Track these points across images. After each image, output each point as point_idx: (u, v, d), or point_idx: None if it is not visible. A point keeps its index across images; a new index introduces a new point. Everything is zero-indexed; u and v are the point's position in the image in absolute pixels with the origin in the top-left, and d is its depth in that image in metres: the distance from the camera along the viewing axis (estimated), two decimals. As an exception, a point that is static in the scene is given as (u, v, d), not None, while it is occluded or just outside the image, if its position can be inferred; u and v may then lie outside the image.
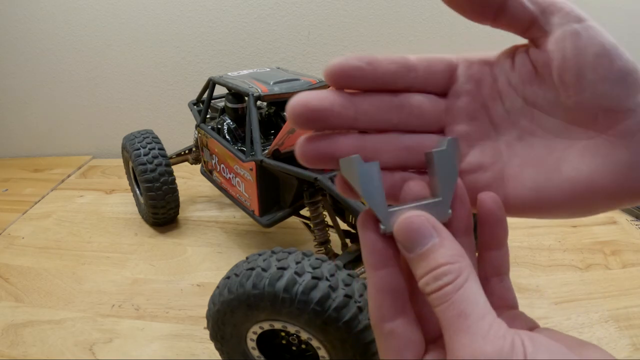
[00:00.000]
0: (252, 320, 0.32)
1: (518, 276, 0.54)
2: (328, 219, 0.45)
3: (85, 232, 0.65)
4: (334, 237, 0.45)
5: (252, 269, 0.30)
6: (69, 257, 0.58)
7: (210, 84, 0.57)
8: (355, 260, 0.39)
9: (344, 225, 0.46)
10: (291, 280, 0.28)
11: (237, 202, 0.54)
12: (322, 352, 0.31)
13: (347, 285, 0.29)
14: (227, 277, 0.32)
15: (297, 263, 0.29)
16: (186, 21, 0.82)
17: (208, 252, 0.59)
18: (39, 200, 0.75)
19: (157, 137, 0.63)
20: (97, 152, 0.96)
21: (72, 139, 0.96)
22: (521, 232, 0.63)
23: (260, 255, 0.32)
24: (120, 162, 0.62)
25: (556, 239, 0.62)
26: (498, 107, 0.16)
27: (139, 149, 0.59)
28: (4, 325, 0.46)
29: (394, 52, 0.88)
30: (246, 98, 0.50)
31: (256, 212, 0.49)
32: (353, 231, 0.46)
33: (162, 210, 0.61)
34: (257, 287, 0.29)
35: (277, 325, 0.31)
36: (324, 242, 0.44)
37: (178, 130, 0.92)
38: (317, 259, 0.30)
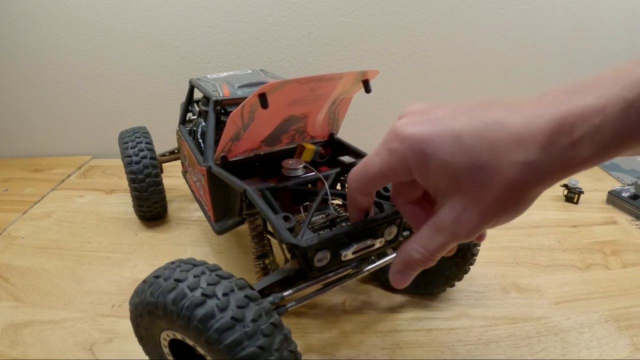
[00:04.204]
0: (156, 326, 0.31)
1: (518, 276, 0.54)
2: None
3: (85, 232, 0.65)
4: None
5: (157, 277, 0.30)
6: (69, 257, 0.58)
7: (190, 86, 0.58)
8: (284, 283, 0.36)
9: None
10: (180, 293, 0.27)
11: (201, 206, 0.53)
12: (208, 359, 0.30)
13: (239, 307, 0.27)
14: (144, 281, 0.31)
15: (195, 277, 0.29)
16: (186, 21, 0.82)
17: (208, 252, 0.59)
18: (39, 200, 0.75)
19: (147, 133, 0.64)
20: (97, 152, 0.96)
21: (72, 139, 0.96)
22: (521, 232, 0.64)
23: (172, 264, 0.31)
24: (120, 162, 0.62)
25: (556, 239, 0.62)
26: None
27: (127, 142, 0.61)
28: (4, 325, 0.46)
29: (393, 52, 0.88)
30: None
31: (212, 218, 0.48)
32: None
33: (146, 203, 0.62)
34: (153, 296, 0.29)
35: (178, 336, 0.30)
36: (261, 256, 0.42)
37: (178, 130, 0.92)
38: (217, 275, 0.29)
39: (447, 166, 0.22)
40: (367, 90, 0.40)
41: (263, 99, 0.34)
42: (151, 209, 0.63)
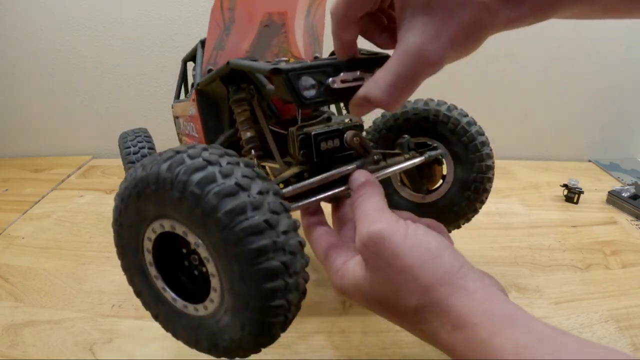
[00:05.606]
0: (143, 217, 0.29)
1: (518, 276, 0.54)
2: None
3: (85, 232, 0.65)
4: None
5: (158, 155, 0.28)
6: (69, 257, 0.58)
7: (182, 64, 0.58)
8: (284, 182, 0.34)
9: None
10: (178, 160, 0.25)
11: None
12: (210, 266, 0.27)
13: (245, 177, 0.25)
14: (159, 154, 0.29)
15: (204, 150, 0.26)
16: (186, 21, 0.82)
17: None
18: (39, 200, 0.75)
19: (149, 136, 0.64)
20: (97, 152, 0.96)
21: (72, 139, 0.96)
22: (521, 232, 0.63)
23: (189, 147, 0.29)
24: (120, 162, 0.62)
25: (556, 239, 0.62)
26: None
27: (129, 147, 0.60)
28: (4, 325, 0.46)
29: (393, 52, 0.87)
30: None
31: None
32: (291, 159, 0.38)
33: None
34: (145, 169, 0.26)
35: (167, 226, 0.28)
36: (250, 140, 0.39)
37: (178, 130, 0.92)
38: (225, 152, 0.27)
39: None
40: None
41: None
42: None
